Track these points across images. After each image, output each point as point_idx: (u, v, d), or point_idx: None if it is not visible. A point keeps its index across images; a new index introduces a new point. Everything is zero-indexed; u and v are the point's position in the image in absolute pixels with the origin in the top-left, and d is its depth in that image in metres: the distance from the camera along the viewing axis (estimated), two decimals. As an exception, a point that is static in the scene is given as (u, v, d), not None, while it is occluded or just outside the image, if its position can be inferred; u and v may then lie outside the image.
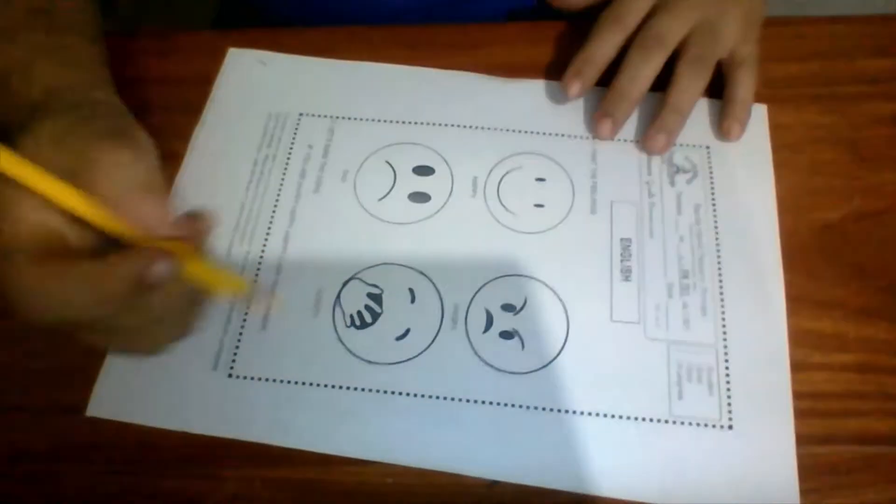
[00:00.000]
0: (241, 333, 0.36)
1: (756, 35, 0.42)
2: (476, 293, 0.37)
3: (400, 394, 0.34)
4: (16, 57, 0.32)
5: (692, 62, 0.40)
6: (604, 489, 0.32)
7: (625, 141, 0.42)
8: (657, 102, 0.41)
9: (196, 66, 0.42)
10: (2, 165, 0.23)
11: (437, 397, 0.34)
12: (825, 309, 0.36)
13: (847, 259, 0.38)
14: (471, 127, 0.42)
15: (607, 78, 0.41)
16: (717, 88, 0.43)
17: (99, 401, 0.34)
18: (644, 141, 0.41)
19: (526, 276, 0.37)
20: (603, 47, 0.42)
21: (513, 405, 0.34)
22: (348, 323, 0.36)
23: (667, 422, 0.33)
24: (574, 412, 0.34)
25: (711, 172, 0.40)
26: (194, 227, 0.27)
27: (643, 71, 0.40)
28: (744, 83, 0.41)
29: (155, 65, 0.45)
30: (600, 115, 0.41)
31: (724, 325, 0.36)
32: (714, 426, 0.33)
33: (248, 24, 0.60)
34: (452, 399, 0.34)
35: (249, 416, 0.34)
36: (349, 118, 0.43)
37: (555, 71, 0.44)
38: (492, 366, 0.35)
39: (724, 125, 0.41)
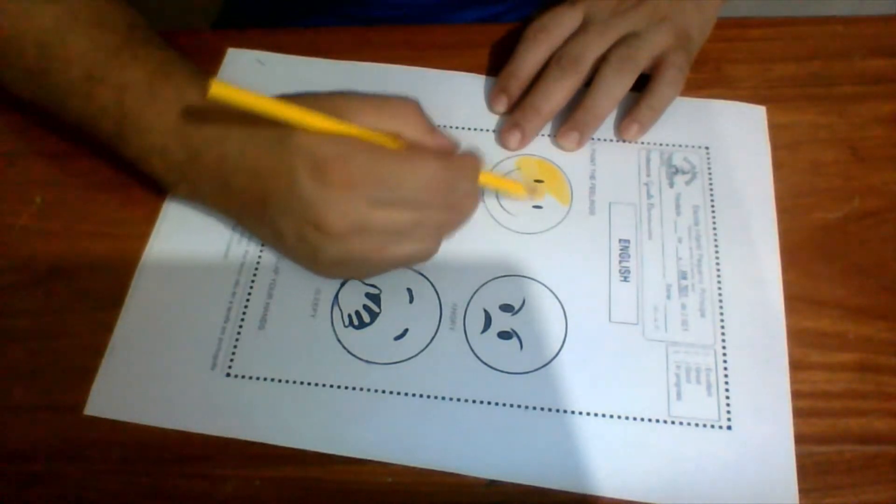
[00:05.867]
0: (239, 333, 0.36)
1: (692, 48, 0.42)
2: (474, 293, 0.37)
3: (398, 393, 0.34)
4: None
5: (615, 64, 0.39)
6: (602, 489, 0.32)
7: (624, 142, 0.42)
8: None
9: (195, 65, 0.42)
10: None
11: (436, 397, 0.34)
12: (824, 308, 0.36)
13: (846, 259, 0.38)
14: (470, 128, 0.42)
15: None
16: (719, 89, 0.43)
17: (97, 400, 0.34)
18: (557, 137, 0.41)
19: (524, 277, 0.37)
20: (527, 62, 0.41)
21: (511, 405, 0.34)
22: (346, 323, 0.36)
23: (665, 422, 0.33)
24: (572, 412, 0.34)
25: (710, 173, 0.40)
26: (469, 149, 0.34)
27: (556, 89, 0.40)
28: (661, 91, 0.40)
29: (155, 65, 0.45)
30: (509, 126, 0.41)
31: (722, 326, 0.36)
32: (713, 426, 0.33)
33: (247, 24, 0.60)
34: (451, 399, 0.34)
35: (247, 415, 0.34)
36: (348, 118, 0.43)
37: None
38: (490, 366, 0.35)
39: (623, 122, 0.41)
